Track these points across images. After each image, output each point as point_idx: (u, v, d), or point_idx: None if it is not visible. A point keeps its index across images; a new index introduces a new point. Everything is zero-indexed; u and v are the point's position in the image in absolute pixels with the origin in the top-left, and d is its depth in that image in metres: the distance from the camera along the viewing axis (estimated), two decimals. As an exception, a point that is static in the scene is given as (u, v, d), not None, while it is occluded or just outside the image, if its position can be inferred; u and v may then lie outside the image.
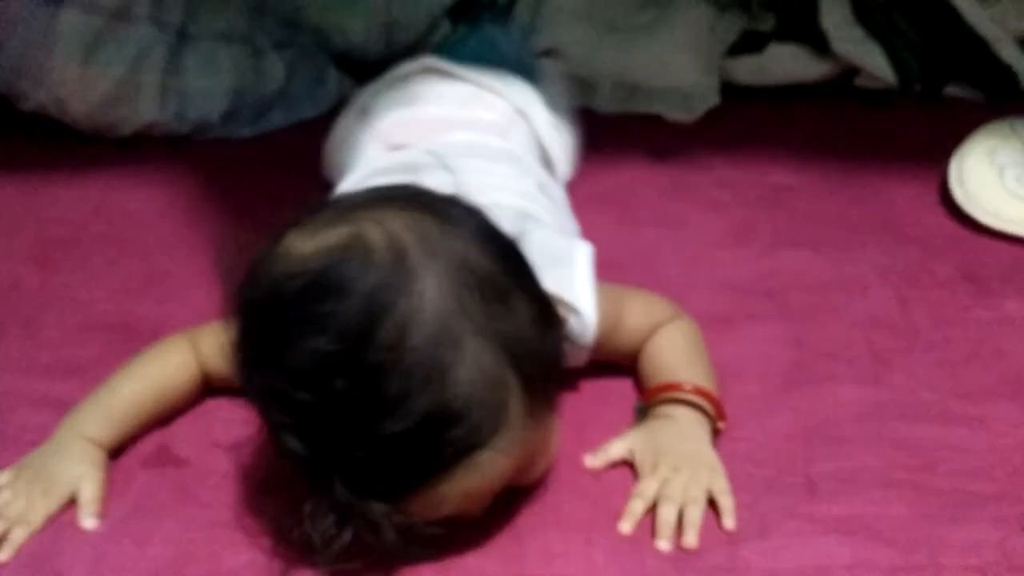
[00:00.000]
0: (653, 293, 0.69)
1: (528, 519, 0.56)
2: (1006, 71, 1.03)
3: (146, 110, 1.02)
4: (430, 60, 0.83)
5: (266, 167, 0.99)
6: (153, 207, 0.93)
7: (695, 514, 0.56)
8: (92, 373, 0.71)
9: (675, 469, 0.58)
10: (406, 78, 0.83)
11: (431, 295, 0.50)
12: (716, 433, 0.62)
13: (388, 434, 0.48)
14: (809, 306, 0.75)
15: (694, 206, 0.89)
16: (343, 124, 0.86)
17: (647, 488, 0.58)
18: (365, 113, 0.83)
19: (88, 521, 0.58)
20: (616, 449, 0.60)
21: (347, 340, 0.49)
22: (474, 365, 0.49)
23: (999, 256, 0.80)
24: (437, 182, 0.61)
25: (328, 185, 0.80)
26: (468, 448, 0.50)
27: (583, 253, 0.66)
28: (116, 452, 0.62)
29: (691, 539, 0.55)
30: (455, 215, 0.53)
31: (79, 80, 0.99)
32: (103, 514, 0.58)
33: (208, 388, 0.66)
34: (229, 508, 0.58)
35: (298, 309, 0.50)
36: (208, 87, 1.04)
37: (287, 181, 0.95)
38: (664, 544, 0.55)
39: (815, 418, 0.64)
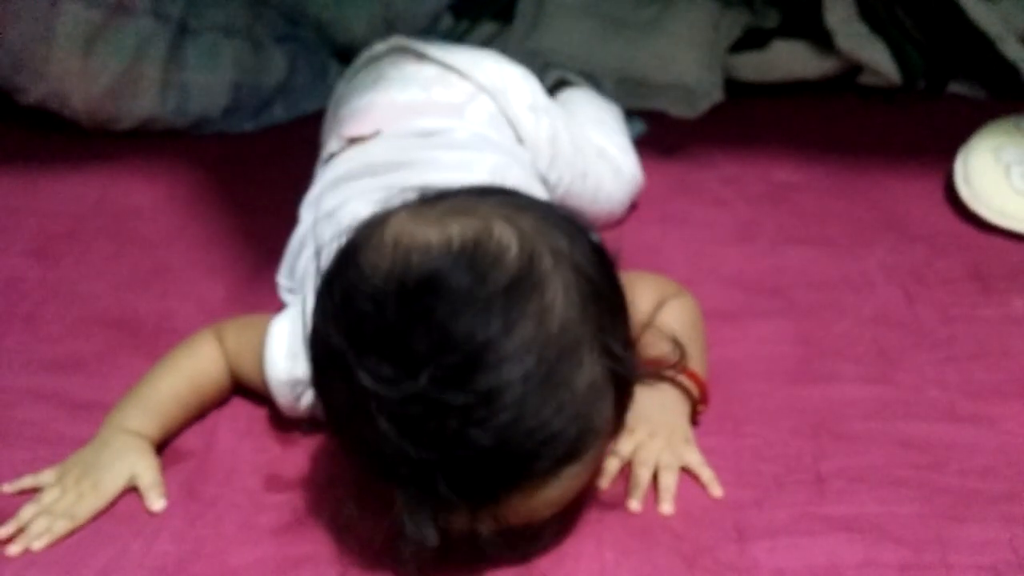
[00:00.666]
0: (655, 275, 0.70)
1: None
2: (1010, 68, 1.03)
3: (146, 104, 1.01)
4: (402, 40, 0.82)
5: (268, 161, 0.99)
6: (154, 201, 0.92)
7: (670, 480, 0.57)
8: (94, 368, 0.70)
9: (651, 434, 0.59)
10: (377, 60, 0.82)
11: (559, 302, 0.49)
12: (696, 415, 0.62)
13: (505, 437, 0.47)
14: (815, 304, 0.75)
15: (698, 203, 0.89)
16: (324, 122, 0.84)
17: (622, 447, 0.59)
18: (336, 105, 0.82)
19: (157, 503, 0.58)
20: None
21: (474, 345, 0.47)
22: (590, 374, 0.49)
23: (1005, 254, 0.80)
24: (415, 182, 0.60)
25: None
26: (569, 458, 0.49)
27: None
28: (160, 446, 0.62)
29: (667, 506, 0.56)
30: (565, 221, 0.53)
31: (79, 73, 0.99)
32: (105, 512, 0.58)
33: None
34: (235, 505, 0.58)
35: (429, 299, 0.48)
36: (209, 81, 1.03)
37: (289, 175, 0.95)
38: (635, 504, 0.56)
39: (823, 416, 0.64)
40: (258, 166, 0.98)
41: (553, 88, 0.95)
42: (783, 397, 0.66)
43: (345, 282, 0.51)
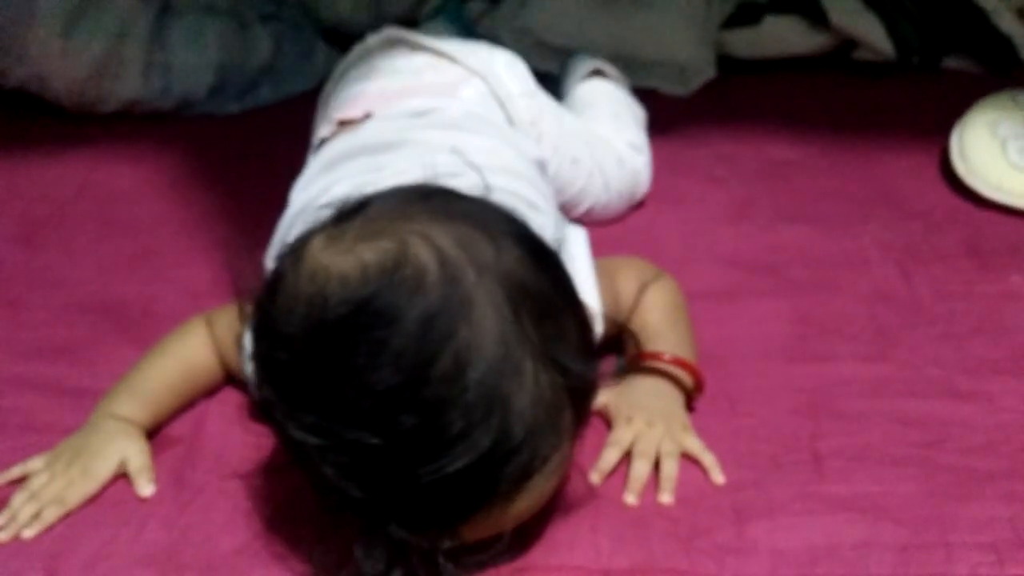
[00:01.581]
0: (634, 258, 0.69)
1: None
2: (1005, 42, 1.02)
3: (130, 85, 1.00)
4: (393, 31, 0.81)
5: (254, 143, 0.97)
6: (139, 185, 0.91)
7: (671, 468, 0.56)
8: (79, 354, 0.69)
9: (649, 424, 0.58)
10: (368, 53, 0.81)
11: (489, 322, 0.46)
12: (691, 402, 0.62)
13: (449, 471, 0.45)
14: (811, 281, 0.74)
15: (692, 181, 0.88)
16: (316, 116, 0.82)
17: (622, 437, 0.58)
18: (327, 99, 0.81)
19: (146, 488, 0.57)
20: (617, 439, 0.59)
21: (405, 375, 0.45)
22: (534, 392, 0.47)
23: (1002, 230, 0.79)
24: (405, 163, 0.58)
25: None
26: (527, 475, 0.47)
27: (579, 242, 0.65)
28: (151, 433, 0.61)
29: (667, 496, 0.55)
30: (496, 224, 0.50)
31: (60, 55, 0.97)
32: (100, 499, 0.57)
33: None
34: (223, 492, 0.57)
35: (347, 341, 0.45)
36: (193, 61, 1.02)
37: (275, 158, 0.93)
38: (632, 499, 0.55)
39: (820, 394, 0.63)
40: (244, 148, 0.97)
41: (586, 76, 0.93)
42: (779, 376, 0.65)
43: (265, 327, 0.49)
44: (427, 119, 0.71)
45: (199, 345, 0.63)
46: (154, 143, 0.97)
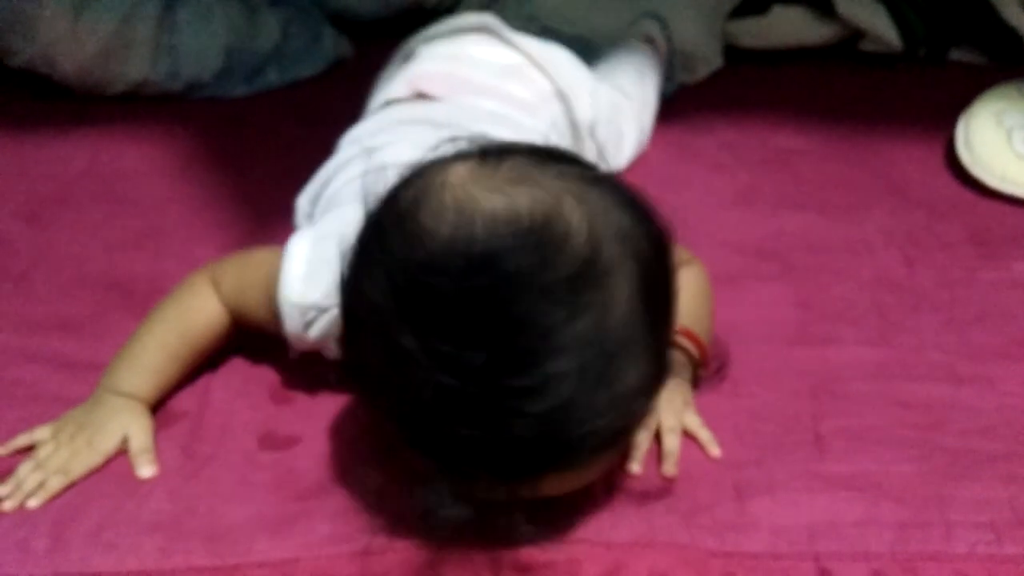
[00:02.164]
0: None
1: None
2: (1012, 34, 1.02)
3: (138, 67, 1.00)
4: (491, 20, 0.82)
5: (260, 126, 0.98)
6: (145, 165, 0.91)
7: (673, 443, 0.57)
8: (87, 329, 0.70)
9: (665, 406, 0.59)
10: (460, 34, 0.82)
11: (621, 298, 0.47)
12: (697, 379, 0.62)
13: (544, 430, 0.46)
14: (814, 267, 0.74)
15: (697, 168, 0.88)
16: (385, 70, 0.84)
17: None
18: (407, 59, 0.82)
19: (146, 469, 0.57)
20: None
21: (535, 332, 0.46)
22: (639, 377, 0.48)
23: (1006, 219, 0.79)
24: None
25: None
26: (609, 447, 0.50)
27: None
28: (159, 403, 0.61)
29: (671, 468, 0.55)
30: (632, 200, 0.51)
31: (69, 35, 0.97)
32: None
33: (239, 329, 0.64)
34: (229, 464, 0.57)
35: (485, 277, 0.46)
36: (201, 44, 1.02)
37: (281, 140, 0.94)
38: (636, 467, 0.56)
39: (822, 377, 0.63)
40: (250, 130, 0.97)
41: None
42: (781, 359, 0.65)
43: (399, 239, 0.48)
44: (501, 121, 0.73)
45: (199, 306, 0.62)
46: (161, 125, 0.97)
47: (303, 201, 0.72)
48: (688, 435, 0.58)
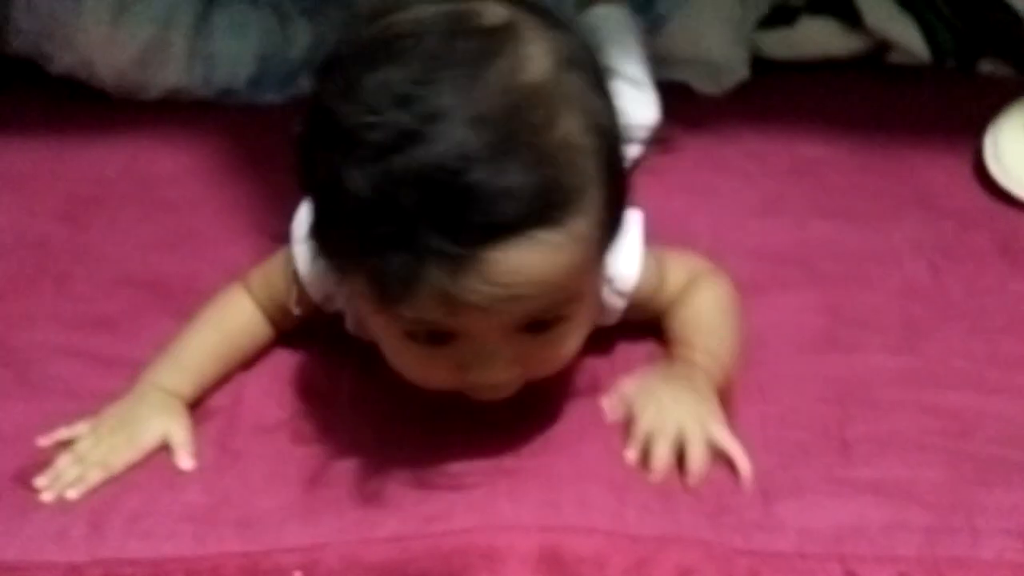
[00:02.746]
0: (689, 253, 0.69)
1: (564, 468, 0.56)
2: (1041, 47, 1.02)
3: (173, 73, 1.02)
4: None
5: (291, 133, 0.99)
6: (180, 168, 0.93)
7: (696, 456, 0.56)
8: (122, 327, 0.71)
9: (675, 400, 0.58)
10: None
11: (537, 57, 0.50)
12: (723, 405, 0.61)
13: (470, 167, 0.47)
14: (841, 275, 0.75)
15: (724, 176, 0.89)
16: None
17: (644, 412, 0.58)
18: None
19: (185, 461, 0.58)
20: (627, 385, 0.60)
21: (443, 96, 0.48)
22: (561, 136, 0.49)
23: (1035, 230, 0.79)
24: None
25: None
26: (539, 216, 0.49)
27: (633, 221, 0.65)
28: (195, 403, 0.62)
29: (694, 479, 0.55)
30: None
31: (107, 42, 0.99)
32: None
33: (277, 331, 0.66)
34: (261, 457, 0.58)
35: (403, 40, 0.50)
36: (235, 51, 1.04)
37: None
38: (655, 477, 0.55)
39: (848, 384, 0.64)
40: (282, 136, 0.98)
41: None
42: (808, 366, 0.66)
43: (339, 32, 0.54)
44: None
45: (237, 308, 0.65)
46: (195, 130, 0.99)
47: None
48: (718, 452, 0.57)
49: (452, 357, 0.54)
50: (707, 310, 0.65)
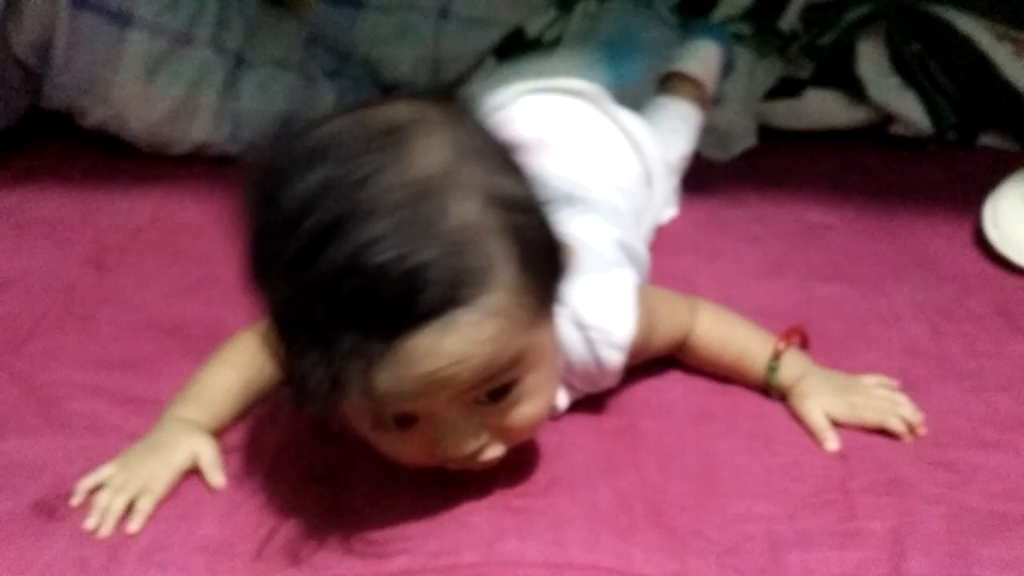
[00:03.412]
0: (670, 292, 0.72)
1: (571, 509, 0.57)
2: (1040, 121, 1.05)
3: (202, 129, 1.06)
4: (592, 88, 0.86)
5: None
6: (205, 219, 0.96)
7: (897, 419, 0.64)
8: (145, 368, 0.73)
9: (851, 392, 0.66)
10: (560, 95, 0.85)
11: (432, 150, 0.52)
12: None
13: (372, 265, 0.49)
14: (844, 335, 0.76)
15: (730, 238, 0.91)
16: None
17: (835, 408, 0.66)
18: (499, 107, 0.83)
19: (218, 479, 0.60)
20: (817, 416, 0.65)
21: (357, 173, 0.51)
22: (459, 221, 0.51)
23: (1033, 295, 0.81)
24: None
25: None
26: (450, 299, 0.50)
27: (624, 276, 0.67)
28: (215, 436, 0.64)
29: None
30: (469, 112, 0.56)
31: (140, 98, 1.04)
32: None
33: None
34: (276, 493, 0.60)
35: (295, 162, 0.53)
36: (261, 110, 1.08)
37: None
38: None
39: (851, 440, 0.65)
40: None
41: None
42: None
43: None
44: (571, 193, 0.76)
45: (251, 355, 0.66)
46: (220, 183, 1.00)
47: None
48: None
49: (421, 438, 0.55)
50: (727, 318, 0.70)
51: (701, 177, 0.99)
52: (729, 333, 0.70)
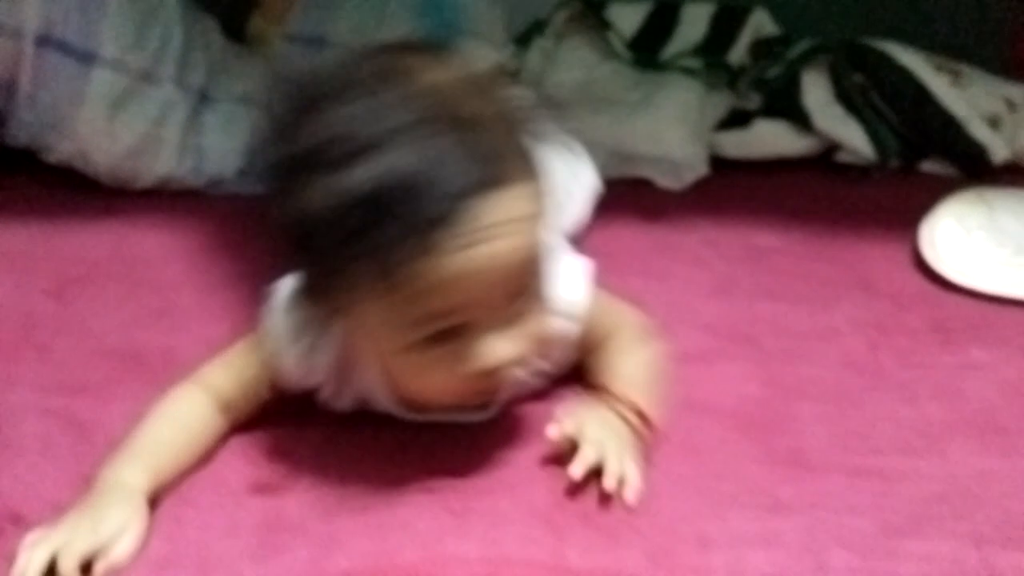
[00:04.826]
0: (631, 314, 0.74)
1: (508, 509, 0.59)
2: (978, 148, 1.09)
3: (165, 164, 1.07)
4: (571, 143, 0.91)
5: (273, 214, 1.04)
6: (166, 251, 0.97)
7: (588, 453, 0.61)
8: (100, 392, 0.74)
9: (607, 439, 0.63)
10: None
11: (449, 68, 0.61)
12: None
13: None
14: (783, 350, 0.79)
15: (679, 262, 0.94)
16: None
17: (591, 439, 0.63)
18: None
19: (120, 558, 0.58)
20: (569, 423, 0.64)
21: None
22: (474, 111, 0.58)
23: (966, 310, 0.84)
24: None
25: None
26: (486, 179, 0.56)
27: (580, 261, 0.72)
28: (156, 496, 0.62)
29: (577, 471, 0.60)
30: None
31: (104, 134, 1.05)
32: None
33: (233, 423, 0.68)
34: (220, 508, 0.61)
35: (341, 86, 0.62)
36: (225, 145, 1.10)
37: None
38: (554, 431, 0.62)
39: (781, 447, 0.67)
40: (265, 223, 1.03)
41: None
42: (744, 429, 0.69)
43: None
44: None
45: (191, 404, 0.66)
46: (183, 216, 1.04)
47: None
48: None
49: (456, 352, 0.58)
50: (640, 365, 0.70)
51: (652, 204, 1.02)
52: (628, 360, 0.70)
